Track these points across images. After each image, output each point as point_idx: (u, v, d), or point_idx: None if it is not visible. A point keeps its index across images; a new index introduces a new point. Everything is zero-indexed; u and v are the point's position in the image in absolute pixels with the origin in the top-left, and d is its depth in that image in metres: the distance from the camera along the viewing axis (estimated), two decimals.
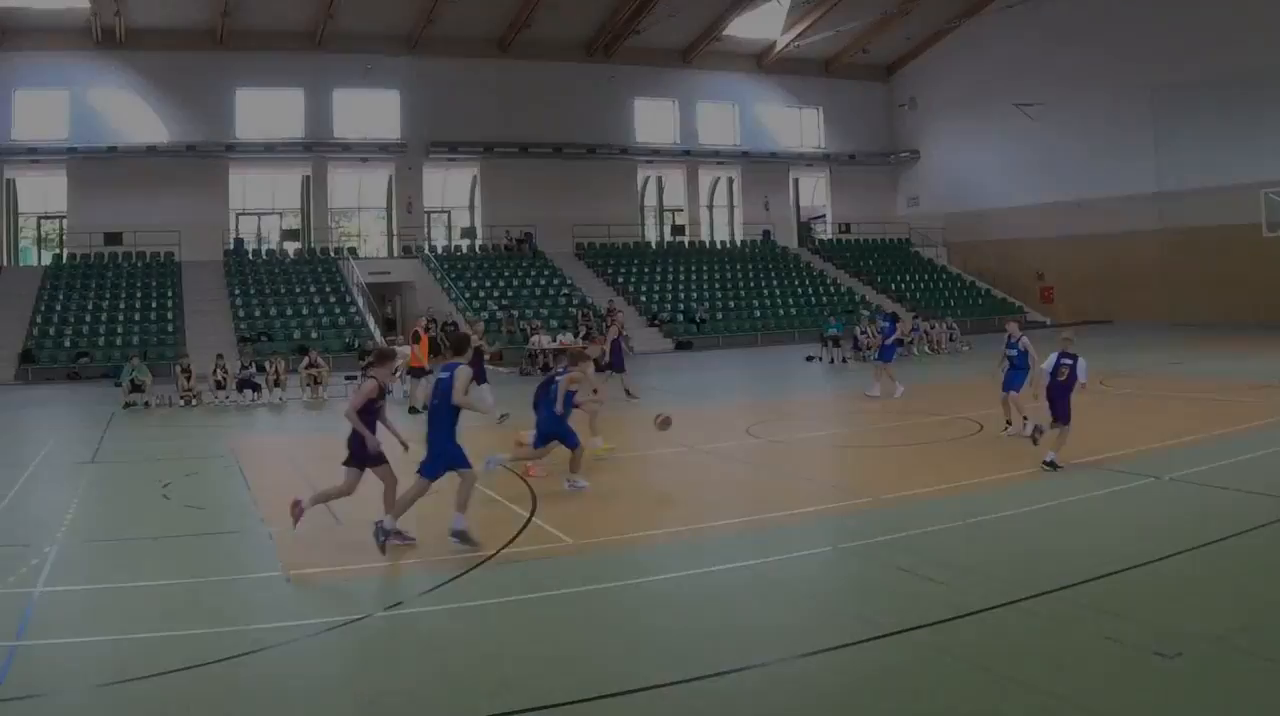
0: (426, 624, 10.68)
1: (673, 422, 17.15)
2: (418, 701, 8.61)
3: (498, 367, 26.41)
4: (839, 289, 62.84)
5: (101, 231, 55.50)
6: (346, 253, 60.31)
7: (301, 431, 27.81)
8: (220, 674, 9.18)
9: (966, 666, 8.93)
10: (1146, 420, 21.32)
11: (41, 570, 12.63)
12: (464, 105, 61.74)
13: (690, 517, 14.92)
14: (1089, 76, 59.73)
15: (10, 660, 9.56)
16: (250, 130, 59.40)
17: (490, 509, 15.70)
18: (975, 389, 24.59)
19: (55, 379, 43.42)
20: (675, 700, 8.46)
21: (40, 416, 32.75)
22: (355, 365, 36.62)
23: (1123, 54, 57.81)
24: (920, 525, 13.43)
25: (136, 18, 54.58)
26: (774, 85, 71.05)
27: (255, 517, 15.57)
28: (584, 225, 63.95)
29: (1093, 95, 59.82)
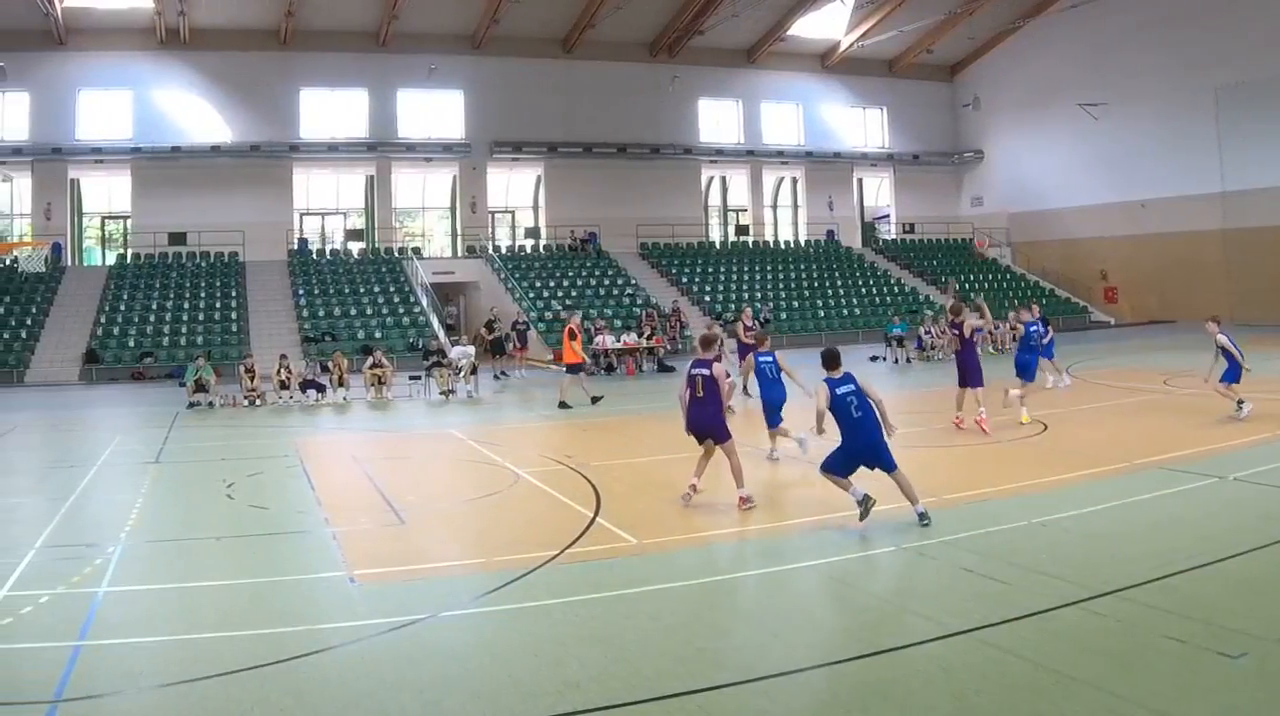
0: (491, 624, 10.63)
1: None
2: (482, 702, 8.55)
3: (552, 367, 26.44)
4: (903, 289, 62.79)
5: (165, 231, 55.77)
6: (410, 252, 60.42)
7: (366, 431, 27.71)
8: (284, 674, 9.16)
9: (1030, 666, 8.81)
10: (1210, 420, 21.07)
11: (105, 570, 12.62)
12: (528, 105, 61.80)
13: (753, 517, 14.80)
14: (1152, 76, 59.27)
15: (74, 660, 9.55)
16: (314, 130, 59.70)
17: (554, 509, 15.68)
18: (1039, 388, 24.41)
19: (119, 379, 43.63)
20: (738, 700, 8.38)
21: (104, 416, 32.78)
22: (419, 365, 36.63)
23: (1186, 53, 57.33)
24: (984, 525, 13.31)
25: (200, 18, 54.89)
26: (838, 85, 70.85)
27: (319, 518, 15.54)
28: (648, 225, 63.92)
29: (1156, 95, 59.35)
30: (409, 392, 34.57)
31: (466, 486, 18.41)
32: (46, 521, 15.57)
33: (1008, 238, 70.91)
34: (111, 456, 21.77)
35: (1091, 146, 63.31)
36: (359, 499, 16.85)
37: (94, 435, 27.17)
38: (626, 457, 20.05)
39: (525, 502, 16.64)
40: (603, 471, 18.44)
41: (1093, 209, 63.61)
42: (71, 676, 9.16)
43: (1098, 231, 63.82)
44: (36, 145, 54.95)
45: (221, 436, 25.81)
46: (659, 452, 21.00)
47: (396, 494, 17.09)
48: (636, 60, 64.50)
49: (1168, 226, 59.27)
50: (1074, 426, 22.48)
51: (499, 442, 23.00)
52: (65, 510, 16.45)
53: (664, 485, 17.26)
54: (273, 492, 17.90)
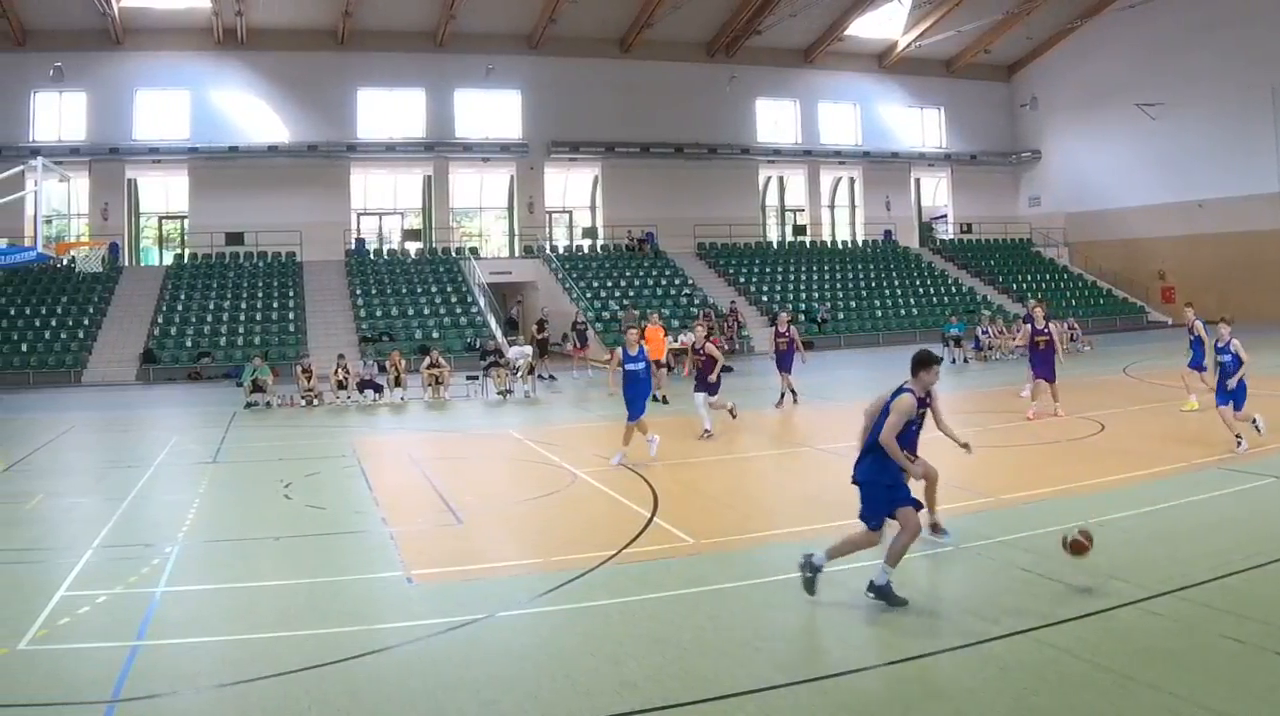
0: (548, 624, 10.63)
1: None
2: (539, 702, 8.54)
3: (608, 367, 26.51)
4: (960, 289, 62.55)
5: (222, 231, 56.10)
6: (468, 252, 60.69)
7: (423, 431, 27.69)
8: (341, 674, 9.19)
9: (1087, 666, 8.79)
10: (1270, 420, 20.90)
11: (163, 570, 12.68)
12: (585, 105, 61.92)
13: (810, 517, 14.72)
14: (1210, 76, 58.99)
15: (131, 660, 9.59)
16: (371, 130, 59.92)
17: (612, 509, 15.68)
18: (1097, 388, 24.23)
19: (176, 379, 43.88)
20: (796, 700, 8.37)
21: (161, 416, 32.93)
22: (476, 365, 36.68)
23: (1244, 53, 57.06)
24: (1041, 525, 13.17)
25: (257, 18, 55.15)
26: (895, 85, 70.66)
27: (377, 518, 15.55)
28: (705, 225, 63.81)
29: (1214, 95, 59.04)
30: (466, 393, 34.69)
31: (524, 486, 18.39)
32: (104, 521, 15.63)
33: (1065, 237, 70.51)
34: (169, 456, 21.85)
35: (1149, 146, 63.01)
36: (416, 499, 16.86)
37: (151, 435, 27.24)
38: (684, 458, 20.02)
39: (583, 503, 16.64)
40: (660, 472, 18.40)
41: (1150, 209, 63.31)
42: (129, 676, 9.19)
43: (1155, 231, 63.52)
44: (94, 145, 55.24)
45: (279, 436, 25.87)
46: (716, 453, 21.01)
47: (454, 494, 17.09)
48: (694, 60, 64.40)
49: (1225, 226, 58.97)
50: (1130, 426, 22.34)
51: (556, 443, 23.01)
52: (123, 510, 16.51)
53: (721, 485, 17.37)
54: (330, 492, 17.95)
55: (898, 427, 10.95)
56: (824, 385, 33.20)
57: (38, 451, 23.87)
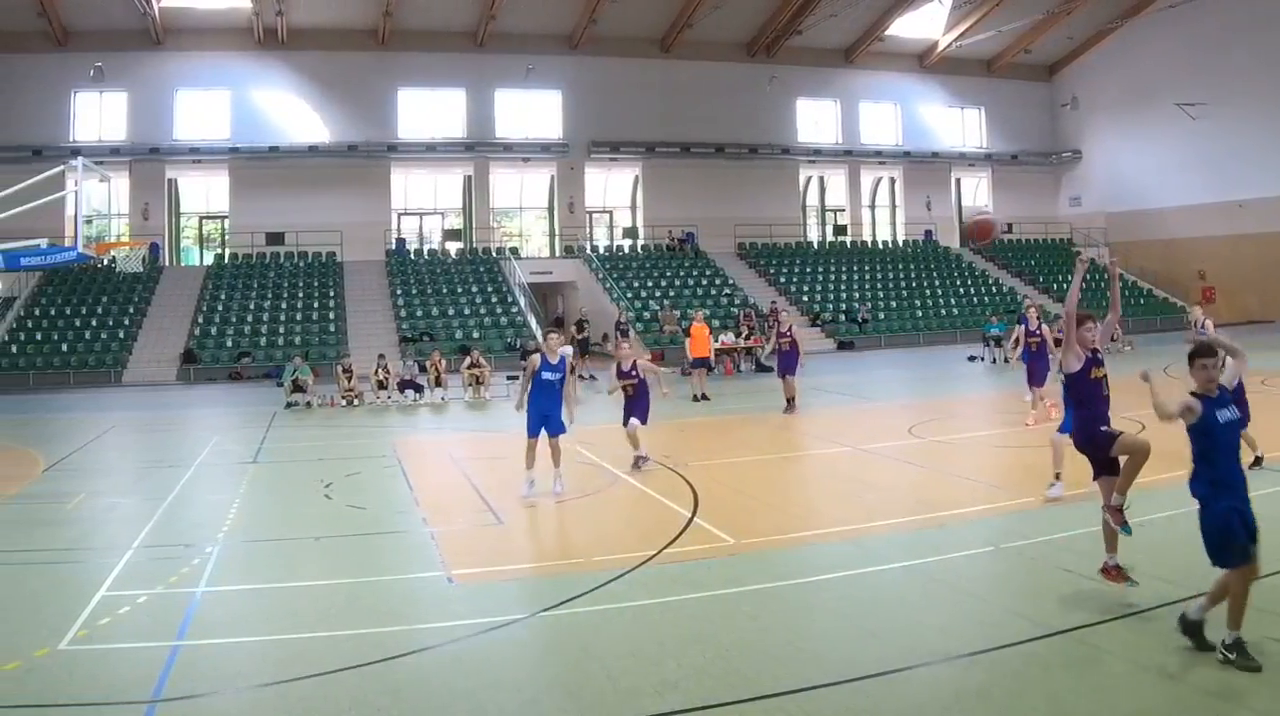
0: (588, 624, 10.59)
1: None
2: (579, 702, 8.54)
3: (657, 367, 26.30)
4: (1000, 289, 62.37)
5: (263, 231, 56.36)
6: (508, 252, 60.71)
7: (463, 431, 27.79)
8: (382, 674, 9.19)
9: (1130, 666, 8.78)
10: None
11: (204, 570, 12.73)
12: (626, 105, 61.88)
13: (851, 517, 14.75)
14: (1251, 76, 58.68)
15: (172, 660, 9.61)
16: (412, 130, 60.07)
17: (652, 509, 15.68)
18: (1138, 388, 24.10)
19: (217, 379, 43.98)
20: (836, 700, 8.35)
21: (202, 416, 33.01)
22: (517, 364, 36.71)
23: None
24: (1083, 525, 13.07)
25: (298, 17, 55.39)
26: (936, 85, 70.49)
27: (417, 518, 15.56)
28: (746, 225, 63.79)
29: (1255, 94, 58.73)
30: (507, 392, 34.41)
31: (565, 486, 18.35)
32: (144, 521, 15.68)
33: (1105, 237, 69.97)
34: (209, 456, 21.90)
35: (1190, 146, 62.65)
36: (457, 499, 16.88)
37: (192, 435, 27.33)
38: (724, 458, 20.03)
39: (623, 502, 16.68)
40: (701, 471, 18.36)
41: (1191, 209, 63.03)
42: (169, 676, 9.21)
43: (1196, 231, 63.24)
44: (134, 145, 55.60)
45: (319, 436, 25.90)
46: (757, 453, 21.05)
47: (495, 494, 17.14)
48: (734, 60, 64.32)
49: (1267, 226, 58.70)
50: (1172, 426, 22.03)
51: (597, 443, 22.84)
52: (163, 510, 16.55)
53: (762, 485, 17.36)
54: (371, 492, 17.95)
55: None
56: (864, 385, 33.20)
57: (78, 451, 23.94)
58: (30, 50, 53.37)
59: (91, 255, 21.90)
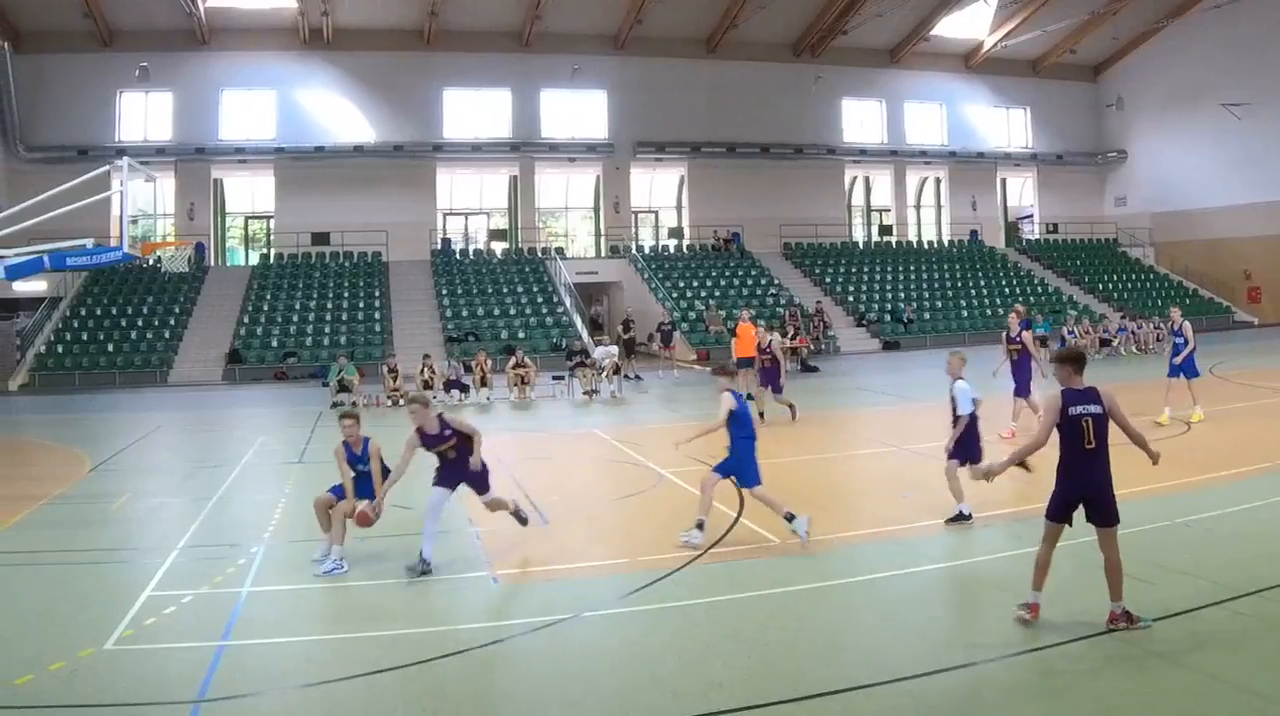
0: (634, 624, 10.66)
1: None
2: (625, 701, 8.58)
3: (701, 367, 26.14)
4: (1046, 289, 61.97)
5: (308, 231, 56.43)
6: (554, 252, 60.59)
7: (509, 431, 27.69)
8: (427, 674, 9.25)
9: (1173, 666, 8.84)
10: None
11: (249, 570, 12.84)
12: (671, 105, 61.72)
13: (896, 518, 14.85)
14: None
15: (217, 660, 9.69)
16: (458, 130, 60.05)
17: None
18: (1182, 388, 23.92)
19: (262, 379, 43.95)
20: (883, 700, 8.40)
21: (247, 416, 33.04)
22: (562, 365, 36.62)
23: None
24: (1128, 525, 12.91)
25: (343, 18, 55.51)
26: (981, 85, 70.14)
27: (463, 517, 15.56)
28: (791, 225, 63.57)
29: None
30: (552, 393, 34.66)
31: (609, 486, 18.50)
32: (190, 521, 15.82)
33: (1150, 237, 69.86)
34: (255, 456, 21.94)
35: (1235, 146, 62.37)
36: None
37: (237, 435, 27.37)
38: (770, 458, 19.83)
39: (668, 502, 16.66)
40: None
41: (1236, 209, 62.66)
42: (214, 676, 9.30)
43: (1241, 231, 62.91)
44: (180, 145, 55.77)
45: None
46: (803, 453, 21.13)
47: (540, 494, 17.24)
48: (780, 60, 64.13)
49: None
50: (1217, 426, 22.11)
51: (642, 443, 22.98)
52: (208, 510, 16.69)
53: (808, 486, 17.39)
54: (416, 492, 17.82)
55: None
56: (909, 385, 33.09)
57: (124, 451, 24.07)
58: (76, 50, 53.60)
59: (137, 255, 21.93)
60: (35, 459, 24.38)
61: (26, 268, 18.98)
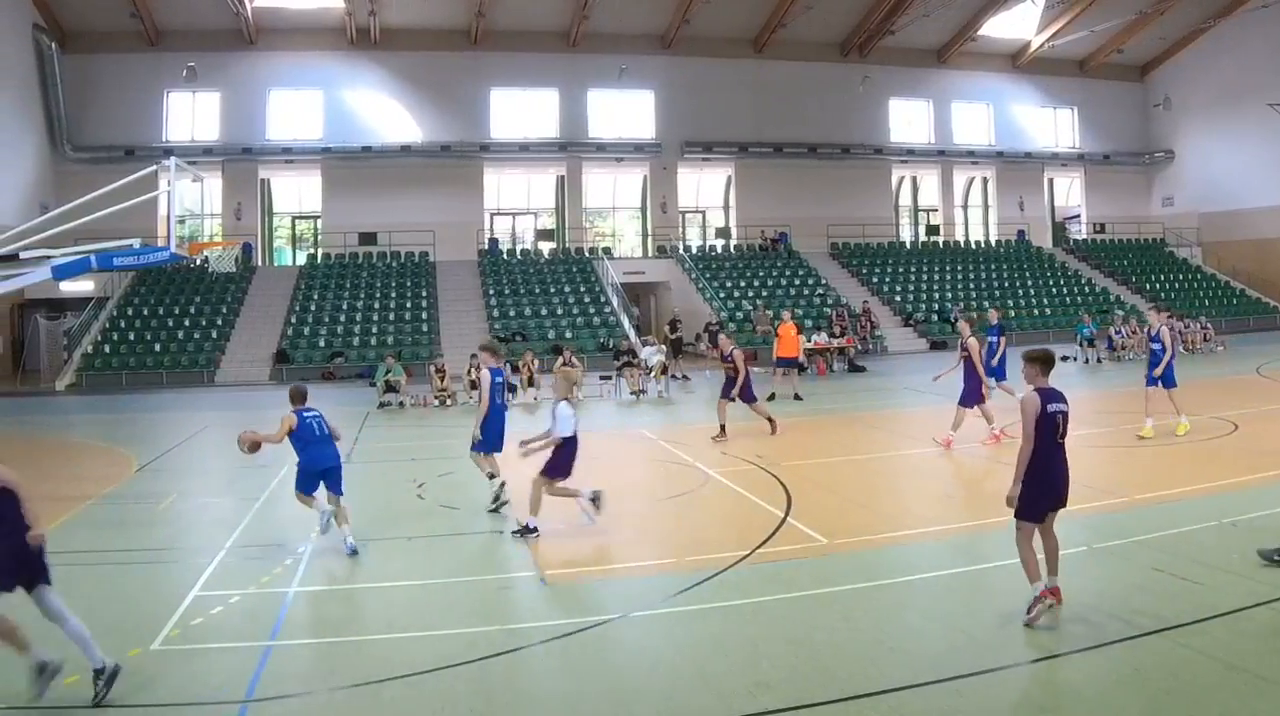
0: (681, 625, 10.64)
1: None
2: (673, 701, 8.57)
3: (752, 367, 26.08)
4: (1093, 289, 61.67)
5: (356, 231, 56.64)
6: (601, 252, 60.82)
7: None
8: (474, 674, 9.26)
9: (1221, 666, 8.78)
10: None
11: (295, 570, 12.88)
12: (718, 105, 61.72)
13: (943, 517, 14.85)
14: None
15: (265, 660, 9.72)
16: (505, 130, 60.15)
17: (745, 509, 15.68)
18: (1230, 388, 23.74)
19: (310, 378, 43.12)
20: (930, 700, 8.39)
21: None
22: (609, 365, 36.64)
23: None
24: (1175, 525, 13.15)
25: (391, 17, 55.70)
26: (1028, 85, 69.87)
27: (510, 520, 15.55)
28: (838, 225, 63.31)
29: None
30: (599, 392, 34.74)
31: (657, 486, 18.49)
32: (237, 521, 15.90)
33: (1198, 237, 69.49)
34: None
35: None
36: (549, 499, 16.82)
37: None
38: (818, 458, 19.97)
39: (715, 502, 16.69)
40: (793, 471, 18.37)
41: None
42: (262, 676, 9.32)
43: None
44: (227, 145, 56.07)
45: (412, 436, 25.91)
46: (850, 453, 21.09)
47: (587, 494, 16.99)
48: (827, 60, 64.11)
49: None
50: (1265, 426, 22.04)
51: (689, 443, 23.00)
52: (255, 510, 16.77)
53: (855, 485, 17.43)
54: (463, 493, 17.98)
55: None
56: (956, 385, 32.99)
57: (171, 451, 24.24)
58: (123, 50, 54.01)
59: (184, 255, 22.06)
60: (82, 459, 24.42)
61: (73, 268, 19.07)
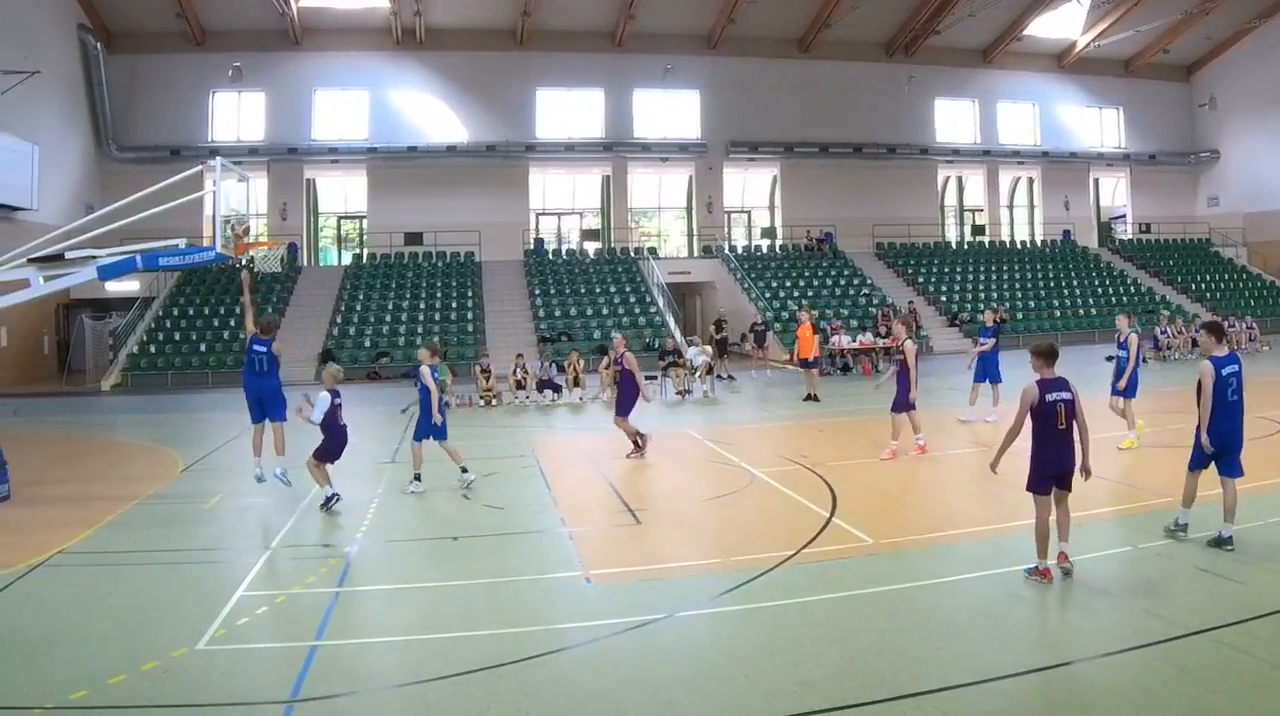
0: (727, 624, 10.64)
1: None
2: (718, 701, 8.57)
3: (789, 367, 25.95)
4: (1139, 289, 61.37)
5: (401, 231, 56.85)
6: (646, 252, 61.00)
7: (602, 431, 27.38)
8: (519, 674, 9.26)
9: (1266, 666, 8.81)
10: None
11: (341, 570, 12.90)
12: (764, 105, 61.72)
13: (989, 518, 14.77)
14: None
15: (310, 660, 9.73)
16: (550, 130, 60.26)
17: (790, 509, 15.67)
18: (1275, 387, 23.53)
19: (355, 379, 43.76)
20: (973, 700, 8.38)
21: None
22: (655, 365, 36.56)
23: None
24: (1219, 525, 12.86)
25: (436, 18, 55.90)
26: (1074, 85, 69.66)
27: (555, 518, 15.64)
28: (884, 225, 63.34)
29: None
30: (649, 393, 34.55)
31: (702, 486, 18.41)
32: (282, 521, 15.92)
33: (1243, 237, 69.20)
34: (347, 456, 21.87)
35: None
36: (595, 499, 16.95)
37: None
38: (863, 458, 19.91)
39: (761, 503, 16.58)
40: (839, 471, 18.41)
41: None
42: (307, 676, 9.34)
43: None
44: (273, 145, 56.42)
45: (457, 436, 25.63)
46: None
47: (632, 494, 17.22)
48: (872, 60, 64.06)
49: None
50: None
51: (734, 443, 23.02)
52: (301, 510, 16.77)
53: (901, 485, 17.42)
54: (509, 493, 18.00)
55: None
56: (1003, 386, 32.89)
57: (216, 451, 24.31)
58: (169, 50, 54.41)
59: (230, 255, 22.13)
60: (128, 459, 24.51)
61: (119, 268, 19.14)
